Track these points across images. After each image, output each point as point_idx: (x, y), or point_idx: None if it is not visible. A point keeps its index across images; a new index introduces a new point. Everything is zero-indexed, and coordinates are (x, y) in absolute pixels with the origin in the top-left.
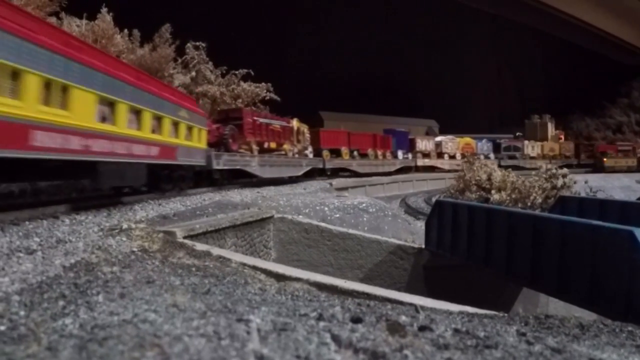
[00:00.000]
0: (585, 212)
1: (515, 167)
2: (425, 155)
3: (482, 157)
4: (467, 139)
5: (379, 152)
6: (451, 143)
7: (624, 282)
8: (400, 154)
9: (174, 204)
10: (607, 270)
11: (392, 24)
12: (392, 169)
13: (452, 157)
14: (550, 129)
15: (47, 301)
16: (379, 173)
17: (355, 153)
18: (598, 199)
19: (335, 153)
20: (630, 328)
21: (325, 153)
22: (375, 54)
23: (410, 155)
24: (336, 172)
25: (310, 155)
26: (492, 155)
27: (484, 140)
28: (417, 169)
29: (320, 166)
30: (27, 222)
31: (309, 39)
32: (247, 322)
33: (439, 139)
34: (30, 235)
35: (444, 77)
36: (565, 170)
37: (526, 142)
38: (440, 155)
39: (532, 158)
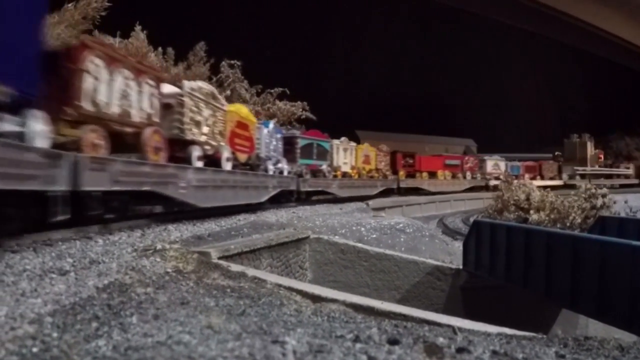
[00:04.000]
0: (625, 233)
1: (323, 194)
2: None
3: (269, 166)
4: (244, 111)
5: None
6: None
7: None
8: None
9: (208, 224)
10: None
11: (429, 43)
12: None
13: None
14: (590, 149)
15: (80, 323)
16: None
17: None
18: (638, 219)
19: None
20: None
21: None
22: (412, 72)
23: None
24: None
25: None
26: (285, 166)
27: (270, 125)
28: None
29: None
30: (60, 243)
31: (345, 58)
32: (282, 343)
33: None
34: (63, 256)
35: (483, 95)
36: (604, 190)
37: (335, 141)
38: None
39: (346, 175)
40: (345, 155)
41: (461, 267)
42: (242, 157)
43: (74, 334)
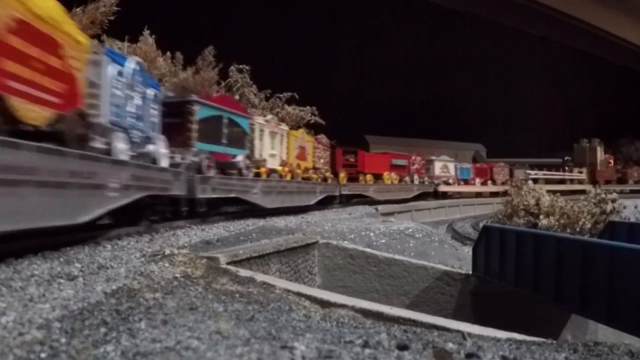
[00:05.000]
0: (635, 238)
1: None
2: None
3: (118, 145)
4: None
5: None
6: None
7: None
8: None
9: (217, 229)
10: None
11: (439, 47)
12: None
13: None
14: (600, 153)
15: (89, 328)
16: None
17: None
18: None
19: None
20: None
21: None
22: (421, 77)
23: None
24: None
25: None
26: (162, 150)
27: (130, 65)
28: None
29: None
30: (67, 248)
31: (354, 62)
32: (291, 349)
33: None
34: (71, 261)
35: (492, 100)
36: (614, 195)
37: (259, 120)
38: None
39: (275, 172)
40: (273, 143)
41: (470, 272)
42: (35, 114)
43: (82, 340)
